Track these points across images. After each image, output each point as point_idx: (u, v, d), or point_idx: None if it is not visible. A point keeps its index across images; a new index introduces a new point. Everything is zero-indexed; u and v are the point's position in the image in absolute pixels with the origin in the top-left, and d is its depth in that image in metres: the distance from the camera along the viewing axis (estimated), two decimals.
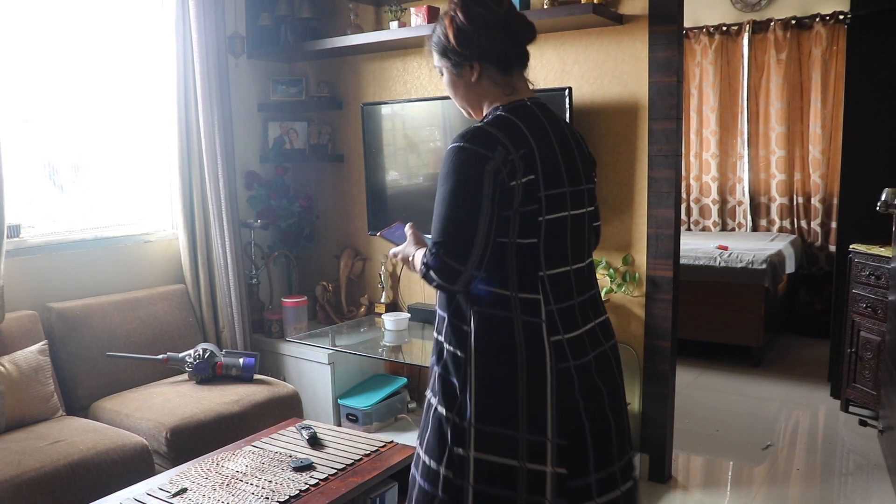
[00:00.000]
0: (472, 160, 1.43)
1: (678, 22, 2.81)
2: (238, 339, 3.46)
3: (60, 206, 3.13)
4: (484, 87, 1.61)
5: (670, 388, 3.00)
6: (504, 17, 1.59)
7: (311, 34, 3.68)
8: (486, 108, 1.62)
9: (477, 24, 1.55)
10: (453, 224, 1.43)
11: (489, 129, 1.47)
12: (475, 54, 1.57)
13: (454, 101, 1.70)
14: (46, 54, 3.01)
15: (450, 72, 1.62)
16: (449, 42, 1.56)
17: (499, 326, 1.46)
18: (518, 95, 1.62)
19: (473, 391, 1.46)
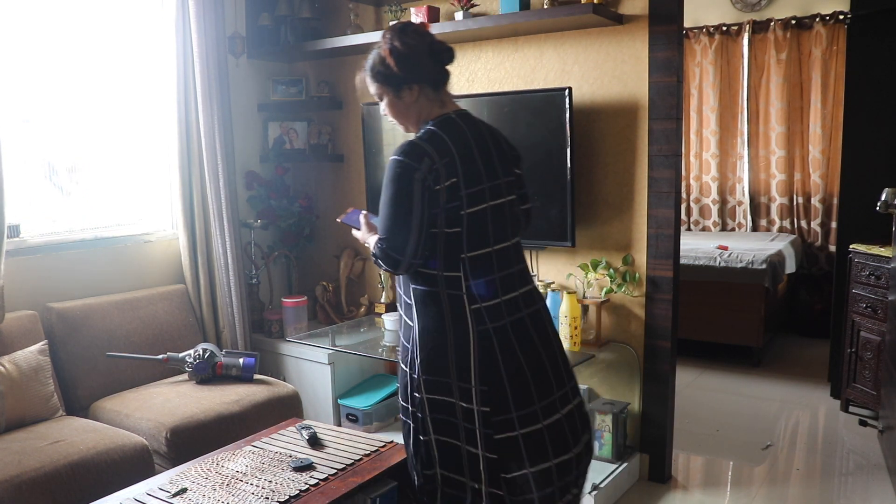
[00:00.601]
0: (405, 171, 1.81)
1: (678, 22, 2.81)
2: (238, 339, 3.46)
3: (60, 206, 3.13)
4: (420, 105, 1.93)
5: (670, 388, 3.00)
6: (430, 44, 1.90)
7: (311, 34, 3.68)
8: (421, 124, 1.94)
9: (412, 51, 1.87)
10: (392, 223, 1.82)
11: (419, 143, 1.84)
12: (413, 77, 1.89)
13: (394, 121, 2.01)
14: (46, 54, 3.01)
15: (391, 96, 1.93)
16: (390, 69, 1.88)
17: (431, 300, 1.85)
18: (446, 109, 1.94)
19: (419, 351, 1.86)
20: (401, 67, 1.87)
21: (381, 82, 1.92)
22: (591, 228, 3.06)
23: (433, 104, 1.93)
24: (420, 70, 1.88)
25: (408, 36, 1.88)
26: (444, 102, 1.94)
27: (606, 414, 2.91)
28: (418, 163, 1.80)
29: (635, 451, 3.05)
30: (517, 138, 3.05)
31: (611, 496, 2.84)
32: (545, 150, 2.98)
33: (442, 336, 1.85)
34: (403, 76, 1.88)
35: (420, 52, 1.88)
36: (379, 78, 1.92)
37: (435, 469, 1.91)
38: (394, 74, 1.88)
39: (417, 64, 1.88)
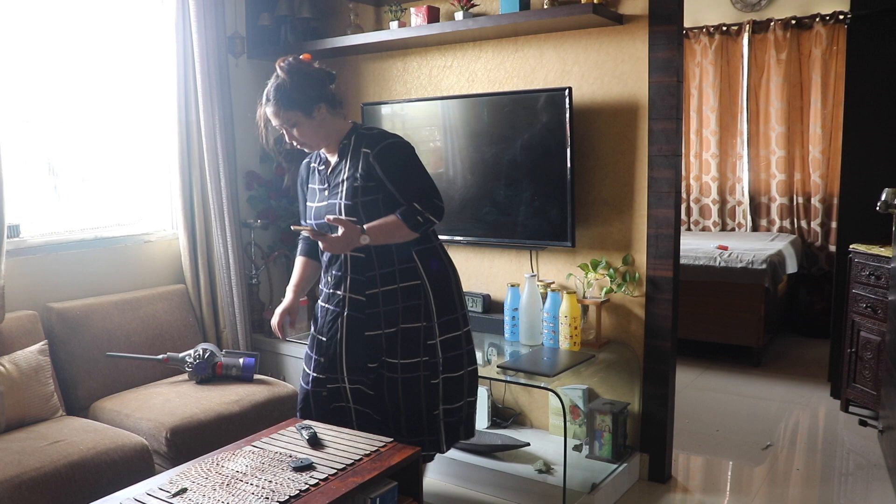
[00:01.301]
0: (410, 145, 2.30)
1: (678, 22, 2.81)
2: (238, 339, 3.47)
3: (60, 206, 3.13)
4: (331, 121, 2.26)
5: (670, 388, 3.00)
6: (317, 69, 2.26)
7: (311, 34, 3.68)
8: (336, 138, 2.29)
9: (311, 75, 2.20)
10: (430, 182, 2.26)
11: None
12: (318, 96, 2.20)
13: (309, 144, 2.28)
14: (46, 54, 3.01)
15: (303, 118, 2.20)
16: (297, 92, 2.16)
17: (431, 252, 2.34)
18: (348, 121, 2.32)
19: (433, 298, 2.30)
20: (307, 90, 2.17)
21: (292, 107, 2.17)
22: (591, 228, 3.06)
23: (338, 119, 2.29)
24: (323, 90, 2.22)
25: (302, 64, 2.21)
26: (345, 116, 2.32)
27: (606, 414, 2.91)
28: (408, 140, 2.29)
29: (635, 451, 3.05)
30: (517, 138, 3.06)
31: (611, 496, 2.84)
32: (545, 150, 2.98)
33: (447, 278, 2.35)
34: (312, 96, 2.18)
35: (317, 75, 2.22)
36: (289, 103, 2.17)
37: (439, 407, 2.35)
38: (304, 96, 2.17)
39: (320, 84, 2.21)
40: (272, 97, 2.18)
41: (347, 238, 2.14)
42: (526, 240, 3.11)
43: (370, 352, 2.30)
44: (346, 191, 2.23)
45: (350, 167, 2.24)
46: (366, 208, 2.21)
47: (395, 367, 2.30)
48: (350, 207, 2.22)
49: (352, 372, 2.33)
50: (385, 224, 2.19)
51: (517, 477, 2.85)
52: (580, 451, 3.03)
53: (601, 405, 2.97)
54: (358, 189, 2.21)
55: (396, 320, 2.28)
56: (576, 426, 3.13)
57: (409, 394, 2.31)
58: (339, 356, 2.33)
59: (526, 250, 3.25)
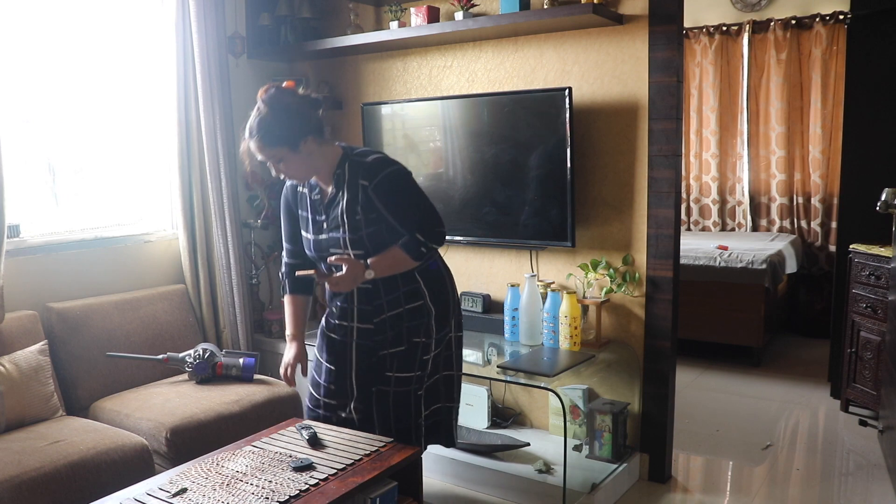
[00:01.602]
0: (407, 171, 2.22)
1: (678, 22, 2.81)
2: (238, 339, 3.47)
3: (60, 206, 3.13)
4: (320, 152, 2.15)
5: (670, 388, 3.00)
6: (302, 97, 2.11)
7: (311, 34, 3.68)
8: (327, 168, 2.19)
9: (295, 107, 2.06)
10: (431, 208, 2.22)
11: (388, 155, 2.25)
12: (304, 129, 2.07)
13: (297, 177, 2.20)
14: (46, 54, 3.01)
15: (289, 154, 2.08)
16: (281, 127, 2.04)
17: (432, 271, 2.32)
18: (338, 148, 2.22)
19: (434, 313, 2.29)
20: (291, 124, 2.05)
21: (277, 143, 2.06)
22: (591, 228, 3.06)
23: (327, 147, 2.18)
24: (309, 121, 2.09)
25: (285, 95, 2.07)
26: (334, 142, 2.22)
27: (606, 414, 2.91)
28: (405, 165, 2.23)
29: (635, 451, 3.05)
30: (517, 138, 3.06)
31: (611, 496, 2.84)
32: (545, 150, 2.98)
33: (444, 291, 2.33)
34: (298, 130, 2.06)
35: (302, 106, 2.08)
36: (270, 140, 2.05)
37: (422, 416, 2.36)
38: (288, 131, 2.05)
39: (305, 115, 2.08)
40: (255, 133, 2.06)
41: (353, 276, 2.11)
42: (526, 240, 3.11)
43: (380, 373, 2.29)
44: (348, 224, 2.17)
45: (349, 199, 2.17)
46: (371, 239, 2.16)
47: (388, 381, 2.28)
48: (355, 241, 2.17)
49: (361, 393, 2.32)
50: (389, 257, 2.16)
51: (517, 477, 2.85)
52: (580, 451, 3.03)
53: (601, 405, 2.97)
54: (360, 221, 2.16)
55: (402, 340, 2.27)
56: (576, 426, 3.13)
57: (398, 407, 2.29)
58: (349, 382, 2.32)
59: (526, 250, 3.25)
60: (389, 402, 2.29)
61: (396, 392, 2.28)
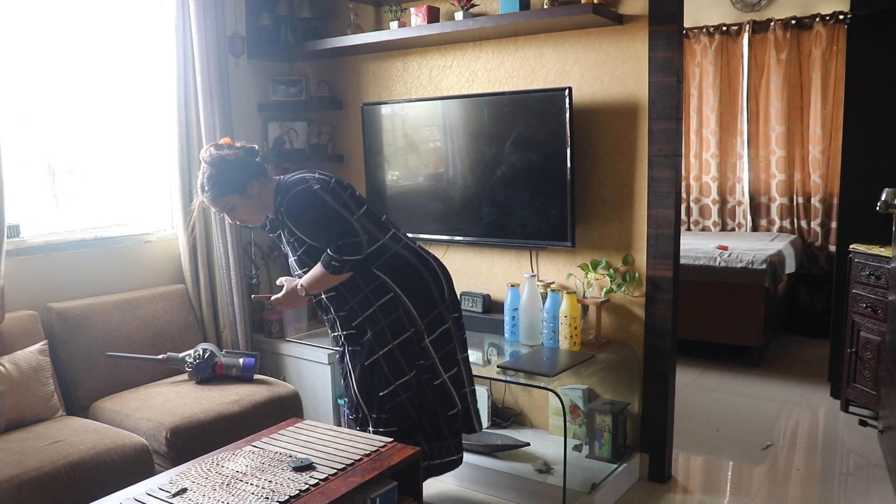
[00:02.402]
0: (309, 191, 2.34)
1: (678, 22, 2.81)
2: (238, 339, 3.46)
3: (60, 206, 3.13)
4: (265, 192, 2.37)
5: (670, 388, 3.00)
6: (238, 149, 2.36)
7: (311, 34, 3.68)
8: (271, 203, 2.38)
9: (234, 161, 2.31)
10: (334, 224, 2.33)
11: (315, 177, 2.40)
12: (247, 176, 2.32)
13: (252, 220, 2.44)
14: (46, 54, 3.01)
15: (240, 200, 2.33)
16: (226, 179, 2.29)
17: (397, 260, 2.41)
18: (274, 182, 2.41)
19: (411, 306, 2.39)
20: (236, 173, 2.30)
21: (227, 193, 2.30)
22: (591, 228, 3.06)
23: (269, 185, 2.39)
24: (248, 168, 2.33)
25: (223, 151, 2.32)
26: (274, 180, 2.41)
27: (606, 414, 2.91)
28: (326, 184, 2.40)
29: (635, 451, 3.05)
30: (517, 138, 3.06)
31: (611, 496, 2.84)
32: (545, 150, 2.98)
33: (419, 278, 2.42)
34: (242, 178, 2.30)
35: (239, 158, 2.32)
36: (218, 191, 2.29)
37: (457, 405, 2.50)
38: (234, 181, 2.29)
39: (245, 164, 2.32)
40: (206, 188, 2.30)
41: (290, 296, 2.42)
42: (526, 240, 3.11)
43: (376, 378, 2.39)
44: (289, 248, 2.43)
45: (285, 228, 2.39)
46: (308, 256, 2.38)
47: (409, 385, 2.41)
48: (299, 261, 2.42)
49: (369, 406, 2.41)
50: (313, 275, 2.36)
51: (517, 477, 2.85)
52: (580, 451, 3.03)
53: (601, 405, 2.97)
54: (294, 243, 2.40)
55: (387, 339, 2.37)
56: (576, 426, 3.13)
57: (437, 396, 2.46)
58: (353, 391, 2.45)
59: (526, 250, 3.25)
60: (426, 395, 2.44)
61: (425, 381, 2.44)
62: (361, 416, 2.45)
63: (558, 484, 2.67)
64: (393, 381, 2.38)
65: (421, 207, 3.39)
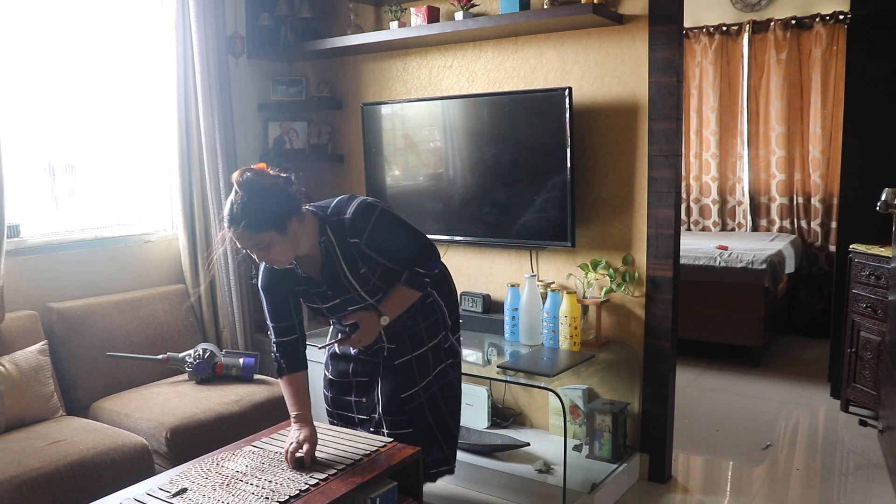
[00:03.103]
0: (385, 211, 2.13)
1: (678, 22, 2.81)
2: (238, 339, 3.46)
3: (60, 206, 3.13)
4: (302, 228, 2.02)
5: (670, 388, 3.00)
6: (276, 177, 1.99)
7: (311, 34, 3.68)
8: (310, 240, 2.07)
9: (275, 190, 1.94)
10: (417, 239, 2.20)
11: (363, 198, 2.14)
12: (288, 210, 1.95)
13: (283, 261, 2.03)
14: (46, 54, 3.01)
15: (278, 237, 1.95)
16: (265, 212, 1.90)
17: (446, 278, 2.42)
18: (314, 218, 2.09)
19: (445, 308, 2.37)
20: (277, 205, 1.93)
21: (265, 228, 1.92)
22: (591, 228, 3.06)
23: (306, 221, 2.05)
24: (291, 200, 1.98)
25: (262, 178, 1.94)
26: (305, 215, 2.06)
27: (606, 414, 2.91)
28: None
29: (635, 451, 3.05)
30: (517, 138, 3.06)
31: (611, 496, 2.84)
32: (545, 150, 2.98)
33: (448, 279, 2.41)
34: (283, 212, 1.94)
35: (280, 187, 1.96)
36: (260, 225, 1.91)
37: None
38: (274, 215, 1.92)
39: (286, 195, 1.97)
40: (238, 221, 1.90)
41: (370, 329, 2.16)
42: (526, 240, 3.11)
43: (402, 380, 2.31)
44: (357, 282, 2.13)
45: (346, 260, 2.11)
46: (382, 280, 2.17)
47: (430, 385, 2.35)
48: (370, 291, 2.16)
49: (388, 410, 2.32)
50: (397, 298, 2.18)
51: (517, 477, 2.85)
52: (580, 451, 3.03)
53: (601, 405, 2.97)
54: (366, 274, 2.13)
55: (423, 341, 2.32)
56: (576, 426, 3.13)
57: (447, 399, 2.40)
58: (376, 392, 2.36)
59: (526, 250, 3.25)
60: (439, 402, 2.37)
61: (441, 386, 2.38)
62: (377, 419, 2.35)
63: (558, 484, 2.67)
64: (418, 382, 2.33)
65: (421, 207, 3.39)
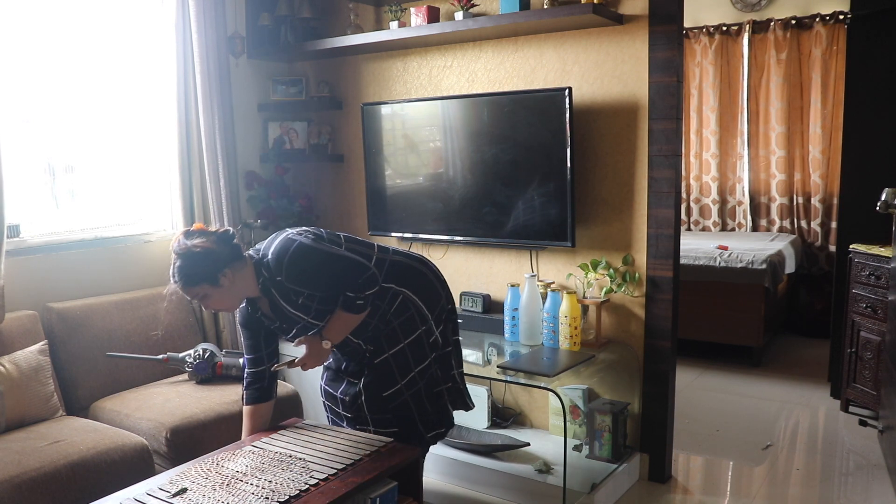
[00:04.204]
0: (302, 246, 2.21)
1: (678, 22, 2.81)
2: (238, 339, 3.46)
3: (60, 206, 3.13)
4: (240, 277, 2.20)
5: (670, 388, 3.00)
6: (209, 235, 2.18)
7: (311, 34, 3.68)
8: (252, 285, 2.23)
9: (203, 253, 2.13)
10: (342, 267, 2.23)
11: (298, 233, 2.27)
12: (219, 266, 2.14)
13: (227, 307, 2.27)
14: (46, 54, 3.01)
15: (211, 289, 2.16)
16: (196, 270, 2.12)
17: (399, 268, 2.41)
18: (251, 266, 2.24)
19: (421, 303, 2.38)
20: (206, 264, 2.13)
21: (194, 284, 2.14)
22: (591, 228, 3.06)
23: (244, 268, 2.21)
24: (220, 258, 2.15)
25: (192, 241, 2.15)
26: (247, 261, 2.23)
27: (606, 414, 2.91)
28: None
29: (635, 451, 3.05)
30: (517, 138, 3.06)
31: (611, 496, 2.84)
32: (545, 150, 2.98)
33: (422, 276, 2.44)
34: (213, 269, 2.14)
35: (210, 249, 2.15)
36: (190, 281, 2.14)
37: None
38: (204, 272, 2.13)
39: (216, 255, 2.15)
40: (177, 279, 2.16)
41: (315, 352, 2.26)
42: (526, 240, 3.11)
43: (382, 379, 2.35)
44: (300, 312, 2.27)
45: (283, 297, 2.24)
46: (324, 304, 2.26)
47: (415, 382, 2.37)
48: (318, 314, 2.27)
49: (371, 408, 2.37)
50: (337, 323, 2.26)
51: (517, 477, 2.85)
52: (580, 451, 3.03)
53: (601, 405, 2.97)
54: (305, 303, 2.25)
55: (398, 339, 2.35)
56: (576, 426, 3.13)
57: (429, 392, 2.44)
58: (358, 389, 2.40)
59: (526, 250, 3.25)
60: (423, 397, 2.40)
61: (426, 383, 2.41)
62: (363, 417, 2.40)
63: (558, 484, 2.67)
64: (399, 380, 2.36)
65: (421, 207, 3.39)
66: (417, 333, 2.36)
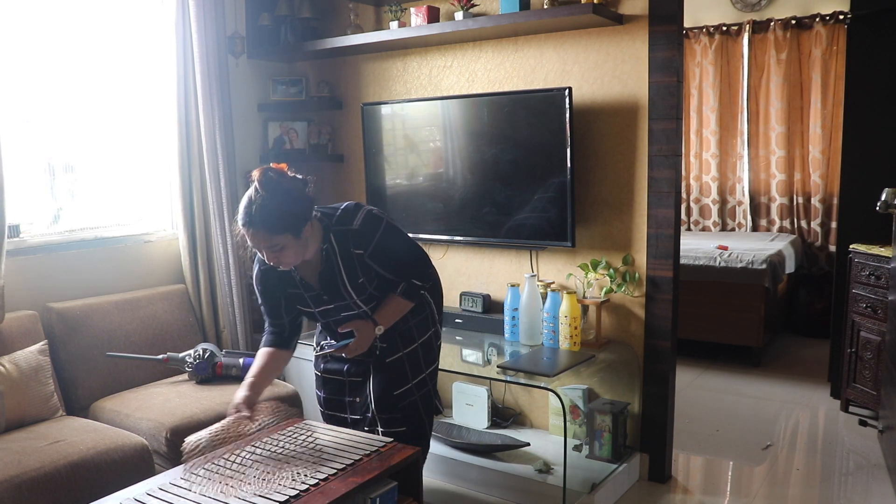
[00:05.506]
0: (390, 224, 2.15)
1: (678, 22, 2.81)
2: (238, 339, 3.46)
3: (60, 206, 3.13)
4: (312, 237, 2.04)
5: (670, 388, 3.00)
6: (296, 180, 2.00)
7: (311, 34, 3.68)
8: (314, 246, 2.08)
9: (294, 192, 1.96)
10: (417, 253, 2.24)
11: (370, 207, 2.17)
12: (306, 214, 1.97)
13: (291, 263, 2.05)
14: (46, 54, 3.01)
15: (292, 240, 1.96)
16: (284, 215, 1.92)
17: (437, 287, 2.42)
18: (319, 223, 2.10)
19: (433, 303, 2.38)
20: (296, 207, 1.95)
21: (281, 231, 1.94)
22: (591, 228, 3.06)
23: (315, 228, 2.07)
24: (308, 204, 1.99)
25: (283, 179, 1.96)
26: (314, 221, 2.06)
27: (606, 414, 2.91)
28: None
29: (635, 451, 3.05)
30: (517, 138, 3.06)
31: (611, 496, 2.84)
32: (545, 150, 2.98)
33: (438, 284, 2.42)
34: (301, 216, 1.96)
35: (300, 189, 1.98)
36: (277, 228, 1.93)
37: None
38: (292, 218, 1.94)
39: (304, 198, 1.98)
40: (256, 221, 1.93)
41: (365, 338, 2.17)
42: (526, 240, 3.11)
43: (393, 377, 2.32)
44: (354, 290, 2.16)
45: (346, 269, 2.12)
46: (378, 290, 2.21)
47: (424, 382, 2.37)
48: (365, 299, 2.19)
49: (380, 407, 2.33)
50: (392, 308, 2.21)
51: (517, 477, 2.85)
52: (580, 451, 3.04)
53: (601, 405, 2.97)
54: (364, 283, 2.17)
55: (413, 338, 2.33)
56: (576, 426, 3.13)
57: (435, 393, 2.46)
58: (368, 390, 2.37)
59: (526, 250, 3.25)
60: (431, 396, 2.40)
61: (431, 384, 2.41)
62: (370, 418, 2.38)
63: (558, 484, 2.67)
64: (411, 379, 2.34)
65: (421, 207, 3.39)
66: (429, 334, 2.36)
